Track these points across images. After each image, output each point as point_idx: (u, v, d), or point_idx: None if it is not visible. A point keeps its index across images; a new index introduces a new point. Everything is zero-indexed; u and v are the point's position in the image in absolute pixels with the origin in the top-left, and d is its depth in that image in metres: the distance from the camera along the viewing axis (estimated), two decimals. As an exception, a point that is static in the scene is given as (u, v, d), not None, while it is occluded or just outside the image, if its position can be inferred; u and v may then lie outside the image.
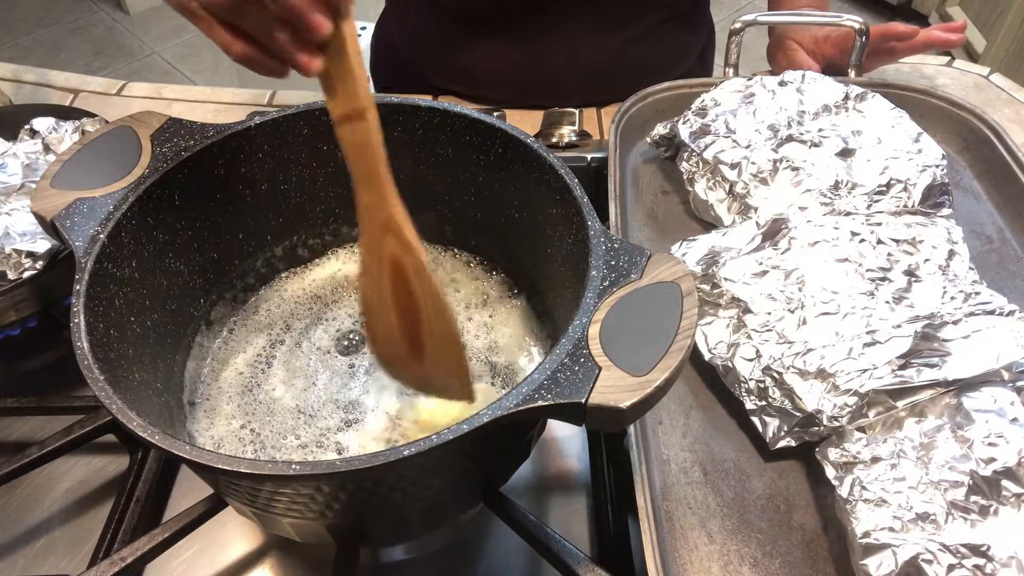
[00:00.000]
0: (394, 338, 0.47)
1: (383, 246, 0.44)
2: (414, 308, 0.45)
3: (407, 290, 0.45)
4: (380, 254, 0.44)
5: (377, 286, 0.45)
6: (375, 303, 0.46)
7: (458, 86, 0.91)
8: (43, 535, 0.54)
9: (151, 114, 0.52)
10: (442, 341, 0.46)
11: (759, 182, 0.64)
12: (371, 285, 0.46)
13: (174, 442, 0.36)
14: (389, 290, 0.45)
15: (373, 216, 0.44)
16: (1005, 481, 0.44)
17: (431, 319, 0.45)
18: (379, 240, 0.44)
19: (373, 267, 0.45)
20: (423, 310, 0.45)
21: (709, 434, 0.53)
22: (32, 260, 0.59)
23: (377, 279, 0.45)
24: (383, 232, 0.44)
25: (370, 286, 0.46)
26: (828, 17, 0.77)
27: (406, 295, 0.45)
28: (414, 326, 0.46)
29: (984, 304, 0.52)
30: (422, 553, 0.53)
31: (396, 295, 0.45)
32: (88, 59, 2.67)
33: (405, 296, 0.45)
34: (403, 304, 0.45)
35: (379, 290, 0.45)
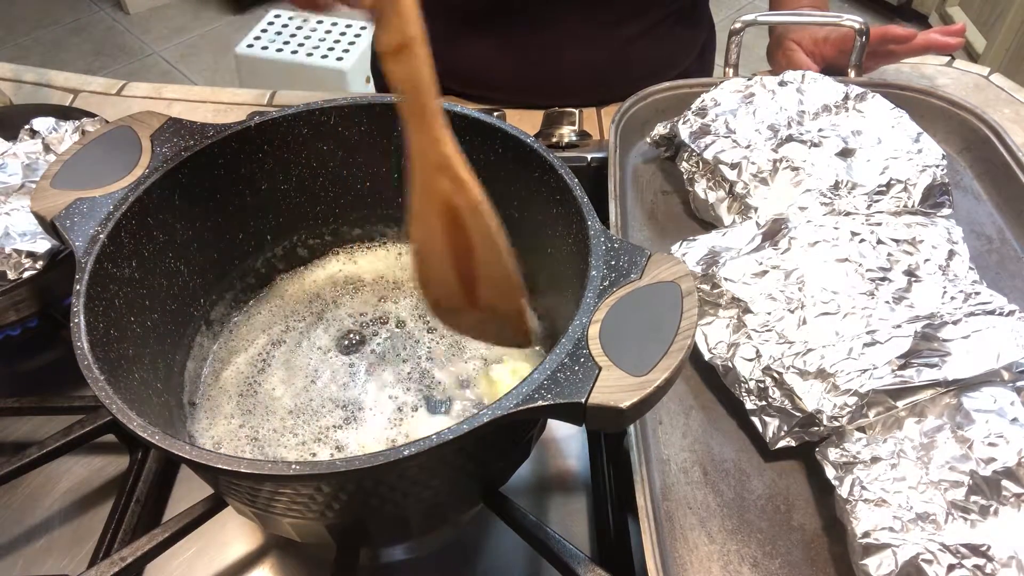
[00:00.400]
0: (448, 282, 0.45)
1: (436, 187, 0.42)
2: (469, 250, 0.43)
3: (463, 232, 0.43)
4: (433, 196, 0.43)
5: (430, 230, 0.44)
6: (430, 249, 0.45)
7: (458, 85, 0.91)
8: (43, 535, 0.54)
9: (151, 114, 0.52)
10: (499, 282, 0.44)
11: (759, 182, 0.64)
12: (423, 230, 0.44)
13: (174, 442, 0.36)
14: (443, 233, 0.43)
15: (425, 157, 0.42)
16: (1005, 481, 0.44)
17: (488, 260, 0.43)
18: (432, 182, 0.42)
19: (426, 210, 0.43)
20: (479, 251, 0.43)
21: (709, 434, 0.53)
22: (32, 260, 0.59)
23: (431, 223, 0.43)
24: (436, 173, 0.42)
25: (423, 231, 0.44)
26: (828, 17, 0.77)
27: (461, 237, 0.43)
28: (469, 269, 0.44)
29: (984, 304, 0.52)
30: (422, 553, 0.53)
31: (451, 238, 0.43)
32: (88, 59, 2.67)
33: (460, 238, 0.43)
34: (458, 247, 0.44)
35: (432, 234, 0.44)
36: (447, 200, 0.42)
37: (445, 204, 0.43)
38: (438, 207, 0.43)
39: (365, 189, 0.58)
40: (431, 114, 0.41)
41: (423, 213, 0.44)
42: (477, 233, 0.43)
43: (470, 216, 0.43)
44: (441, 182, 0.42)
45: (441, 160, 0.42)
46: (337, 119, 0.54)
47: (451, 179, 0.42)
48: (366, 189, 0.58)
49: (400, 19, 0.39)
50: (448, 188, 0.42)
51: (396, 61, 0.40)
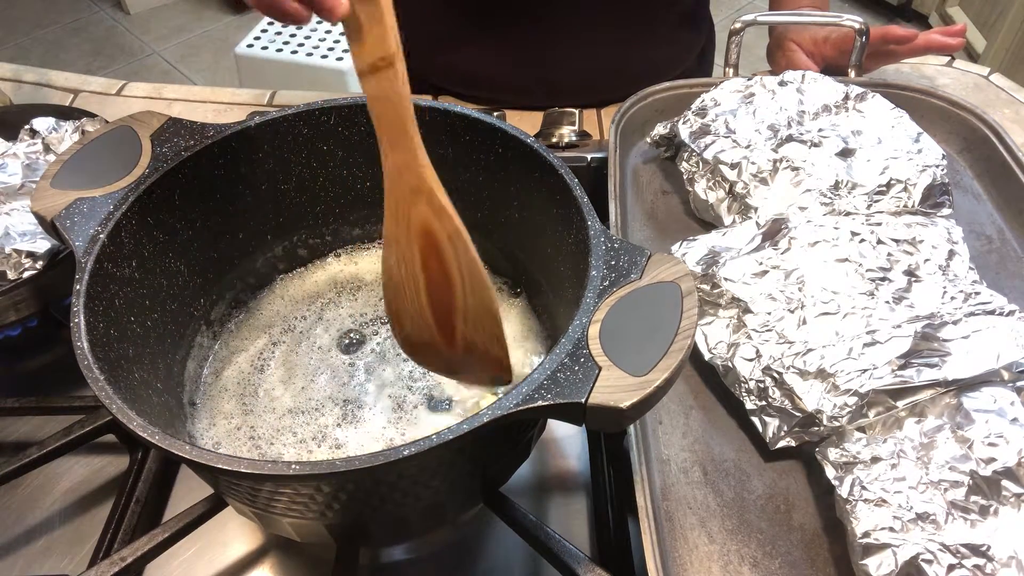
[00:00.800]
0: (423, 317, 0.43)
1: (412, 212, 0.40)
2: (447, 281, 0.41)
3: (440, 261, 0.41)
4: (409, 221, 0.40)
5: (405, 258, 0.41)
6: (401, 279, 0.42)
7: (458, 86, 0.91)
8: (43, 535, 0.54)
9: (151, 114, 0.52)
10: (478, 317, 0.42)
11: (759, 182, 0.64)
12: (398, 258, 0.42)
13: (174, 442, 0.36)
14: (419, 262, 0.41)
15: (401, 178, 0.40)
16: (1005, 481, 0.44)
17: (466, 292, 0.41)
18: (408, 206, 0.40)
19: (401, 237, 0.41)
20: (457, 283, 0.41)
21: (709, 434, 0.53)
22: (32, 260, 0.59)
23: (405, 250, 0.41)
24: (413, 196, 0.40)
25: (396, 259, 0.42)
26: (828, 17, 0.77)
27: (438, 267, 0.41)
28: (446, 302, 0.42)
29: (984, 304, 0.52)
30: (422, 553, 0.53)
31: (427, 267, 0.41)
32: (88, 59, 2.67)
33: (437, 268, 0.41)
34: (434, 277, 0.41)
35: (407, 263, 0.42)
36: (424, 226, 0.40)
37: (422, 230, 0.41)
38: (414, 233, 0.41)
39: (365, 189, 0.58)
40: (408, 136, 0.39)
41: (397, 239, 0.42)
42: (456, 262, 0.41)
43: (449, 244, 0.41)
44: (418, 206, 0.40)
45: (419, 183, 0.40)
46: (337, 119, 0.54)
47: (429, 203, 0.40)
48: (366, 189, 0.58)
49: (379, 35, 0.37)
50: (426, 213, 0.40)
51: (374, 78, 0.38)
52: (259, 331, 0.57)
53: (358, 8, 0.37)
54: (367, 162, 0.56)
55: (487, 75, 0.88)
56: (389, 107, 0.39)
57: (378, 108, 0.39)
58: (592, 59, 0.87)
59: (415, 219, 0.40)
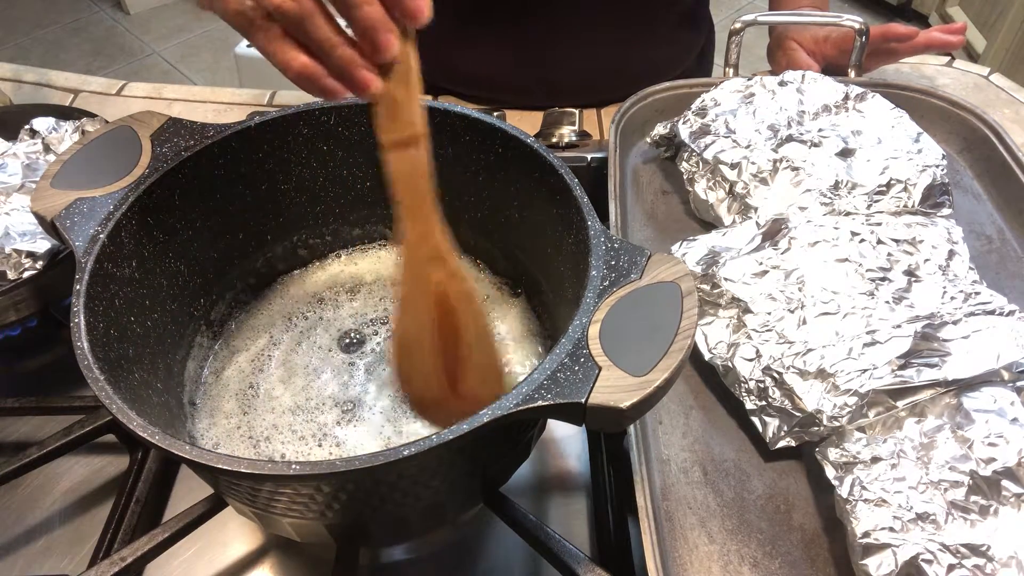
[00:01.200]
0: (434, 375, 0.44)
1: (428, 278, 0.42)
2: (458, 341, 0.43)
3: (453, 322, 0.43)
4: (425, 286, 0.43)
5: (421, 322, 0.43)
6: (416, 341, 0.44)
7: (458, 86, 0.91)
8: (43, 535, 0.54)
9: (151, 114, 0.52)
10: (486, 370, 0.44)
11: (759, 182, 0.64)
12: (413, 321, 0.44)
13: (174, 442, 0.36)
14: (434, 323, 0.43)
15: (419, 248, 0.42)
16: (1005, 481, 0.44)
17: (476, 347, 0.44)
18: (424, 272, 0.42)
19: (419, 301, 0.43)
20: (467, 339, 0.43)
21: (709, 434, 0.53)
22: (32, 260, 0.59)
23: (423, 314, 0.43)
24: (429, 263, 0.42)
25: (412, 322, 0.44)
26: (828, 17, 0.77)
27: (451, 328, 0.43)
28: (455, 358, 0.44)
29: (984, 304, 0.52)
30: (422, 553, 0.53)
31: (441, 328, 0.43)
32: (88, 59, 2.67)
33: (449, 327, 0.43)
34: (446, 336, 0.43)
35: (422, 325, 0.43)
36: (439, 290, 0.43)
37: (436, 294, 0.43)
38: (429, 297, 0.43)
39: (365, 189, 0.58)
40: (429, 209, 0.41)
41: (413, 303, 0.43)
42: (466, 320, 0.43)
43: (461, 303, 0.43)
44: (434, 272, 0.42)
45: (436, 252, 0.42)
46: (337, 119, 0.54)
47: (444, 269, 0.42)
48: (366, 189, 0.58)
49: (408, 116, 0.39)
50: (440, 278, 0.42)
51: (399, 154, 0.40)
52: (259, 331, 0.57)
53: (392, 88, 0.39)
54: (367, 162, 0.56)
55: (487, 75, 0.88)
56: (411, 182, 0.41)
57: (401, 182, 0.41)
58: (592, 59, 0.87)
59: (431, 284, 0.43)
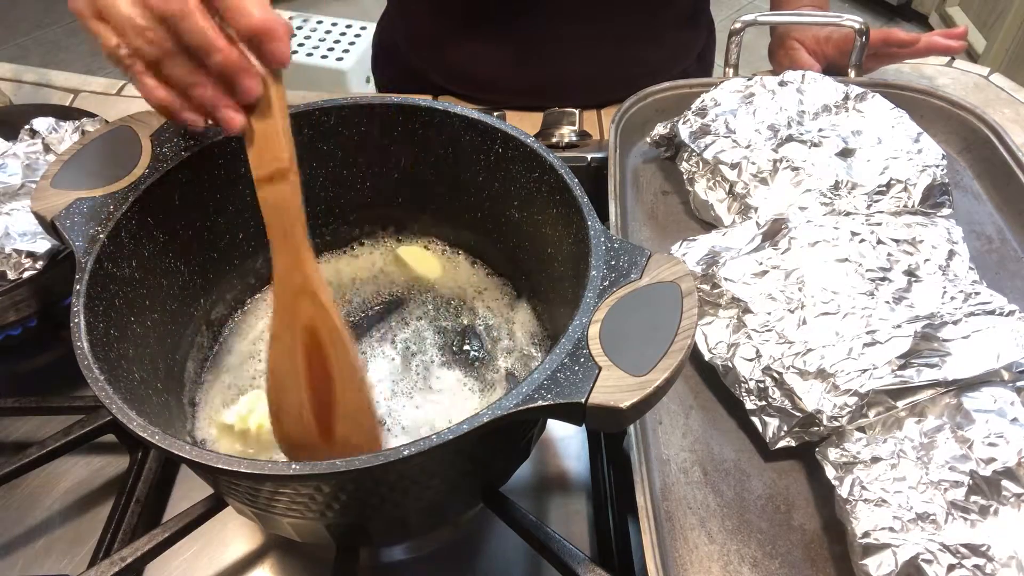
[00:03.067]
0: (303, 414, 0.44)
1: (297, 311, 0.43)
2: (327, 378, 0.43)
3: (321, 358, 0.43)
4: (293, 319, 0.43)
5: (289, 354, 0.43)
6: (285, 374, 0.44)
7: (458, 87, 0.91)
8: (43, 535, 0.54)
9: (151, 114, 0.52)
10: (356, 415, 0.44)
11: (759, 182, 0.64)
12: (282, 353, 0.44)
13: (174, 442, 0.36)
14: (302, 358, 0.43)
15: (289, 279, 0.43)
16: (1005, 481, 0.44)
17: (344, 390, 0.43)
18: (293, 304, 0.43)
19: (286, 334, 0.43)
20: (336, 380, 0.43)
21: (709, 434, 0.53)
22: (32, 260, 0.59)
23: (290, 346, 0.43)
24: (298, 296, 0.43)
25: (281, 354, 0.44)
26: (828, 17, 0.77)
27: (319, 363, 0.43)
28: (326, 400, 0.43)
29: (984, 304, 0.52)
30: (422, 553, 0.53)
31: (309, 364, 0.43)
32: (88, 59, 2.67)
33: (318, 365, 0.43)
34: (316, 374, 0.43)
35: (291, 358, 0.43)
36: (308, 324, 0.43)
37: (305, 327, 0.43)
38: (298, 330, 0.43)
39: (365, 189, 0.58)
40: (297, 240, 0.43)
41: (282, 335, 0.44)
42: (335, 360, 0.43)
43: (329, 342, 0.43)
44: (302, 305, 0.43)
45: (304, 284, 0.43)
46: (337, 119, 0.54)
47: (312, 303, 0.43)
48: (366, 189, 0.58)
49: (274, 151, 0.41)
50: (309, 311, 0.43)
51: (268, 187, 0.42)
52: (259, 331, 0.57)
53: (255, 123, 0.41)
54: (367, 162, 0.56)
55: (487, 75, 0.88)
56: (279, 214, 0.42)
57: (270, 214, 0.42)
58: (592, 60, 0.87)
59: (300, 317, 0.43)
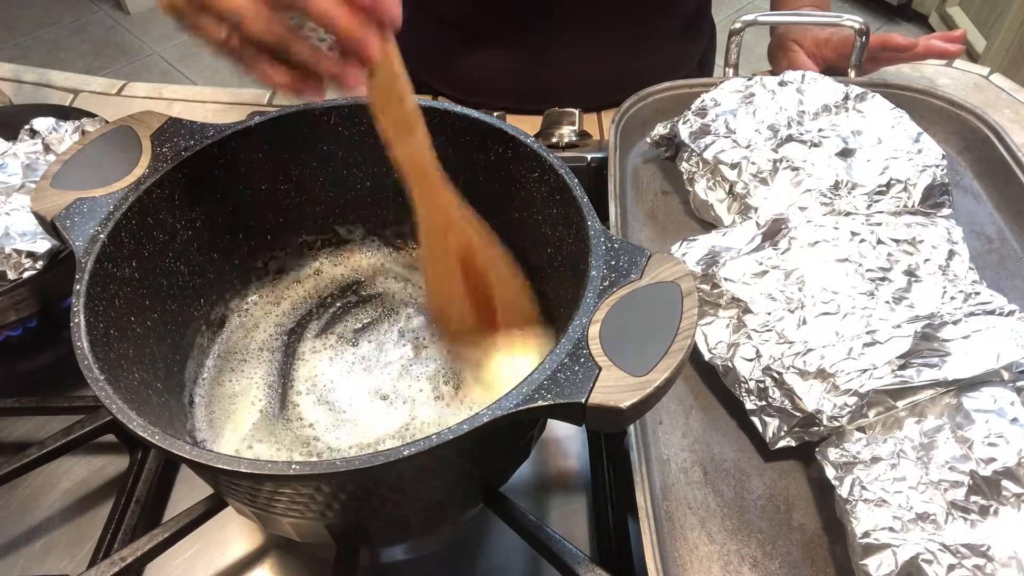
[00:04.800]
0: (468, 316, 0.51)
1: (448, 241, 0.48)
2: (484, 283, 0.50)
3: (475, 268, 0.49)
4: (445, 250, 0.49)
5: (447, 273, 0.50)
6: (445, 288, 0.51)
7: (457, 92, 0.91)
8: (43, 535, 0.54)
9: (151, 114, 0.52)
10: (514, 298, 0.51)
11: (759, 182, 0.64)
12: (441, 273, 0.50)
13: (174, 442, 0.36)
14: (459, 274, 0.49)
15: (433, 220, 0.48)
16: (1005, 481, 0.44)
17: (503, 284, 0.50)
18: (444, 237, 0.48)
19: (440, 258, 0.49)
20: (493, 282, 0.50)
21: (709, 434, 0.53)
22: (32, 260, 0.59)
23: (445, 268, 0.50)
24: (445, 232, 0.48)
25: (440, 275, 0.51)
26: (828, 17, 0.77)
27: (475, 273, 0.49)
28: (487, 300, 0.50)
29: (984, 304, 0.52)
30: (422, 553, 0.53)
31: (467, 276, 0.49)
32: (88, 59, 2.67)
33: (474, 274, 0.49)
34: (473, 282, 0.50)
35: (449, 277, 0.50)
36: (459, 248, 0.49)
37: (457, 251, 0.49)
38: (452, 255, 0.49)
39: (365, 189, 0.58)
40: (433, 183, 0.46)
41: (436, 259, 0.50)
42: (489, 267, 0.50)
43: (480, 254, 0.49)
44: (450, 238, 0.48)
45: (448, 220, 0.48)
46: (337, 119, 0.54)
47: (458, 233, 0.48)
48: (366, 189, 0.58)
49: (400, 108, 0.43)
50: (458, 241, 0.48)
51: (400, 142, 0.44)
52: (259, 330, 0.57)
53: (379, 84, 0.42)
54: (367, 162, 0.56)
55: (486, 83, 0.88)
56: (417, 165, 0.45)
57: (407, 168, 0.45)
58: (593, 66, 0.87)
59: (450, 248, 0.49)
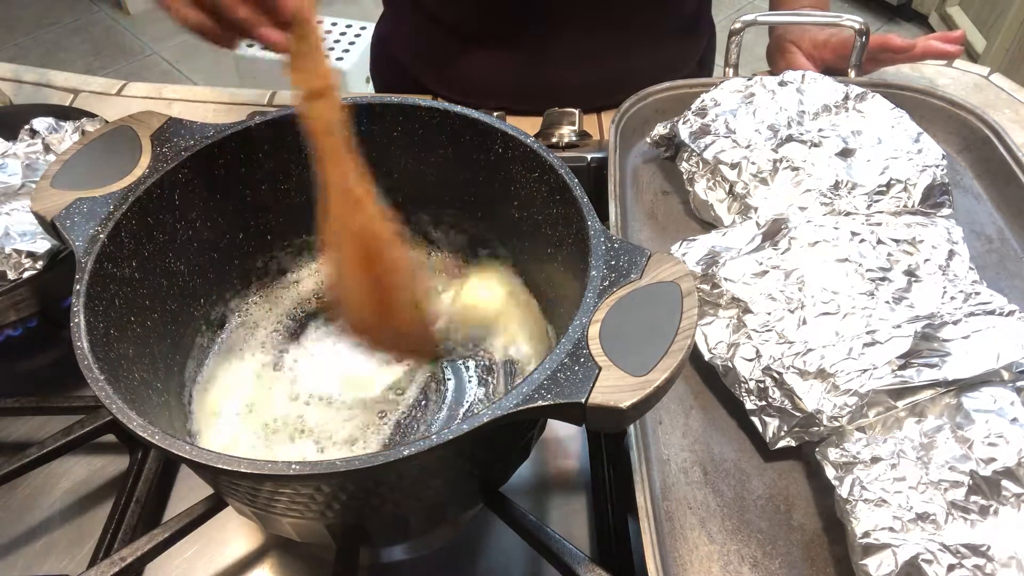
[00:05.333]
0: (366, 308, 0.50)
1: (352, 218, 0.47)
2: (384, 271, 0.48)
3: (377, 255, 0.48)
4: (349, 225, 0.47)
5: (348, 256, 0.48)
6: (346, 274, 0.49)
7: (456, 94, 0.91)
8: (43, 535, 0.54)
9: (151, 114, 0.52)
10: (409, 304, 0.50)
11: (759, 182, 0.64)
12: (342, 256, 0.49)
13: (174, 442, 0.36)
14: (359, 258, 0.48)
15: (339, 190, 0.46)
16: (1005, 481, 0.44)
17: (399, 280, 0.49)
18: (348, 212, 0.47)
19: (344, 238, 0.48)
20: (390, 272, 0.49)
21: (709, 434, 0.53)
22: (32, 260, 0.59)
23: (348, 249, 0.48)
24: (351, 204, 0.47)
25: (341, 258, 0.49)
26: (828, 17, 0.77)
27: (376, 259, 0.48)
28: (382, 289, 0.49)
29: (984, 304, 0.52)
30: (422, 553, 0.53)
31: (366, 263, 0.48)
32: (88, 59, 2.67)
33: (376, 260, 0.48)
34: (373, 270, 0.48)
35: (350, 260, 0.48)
36: (359, 228, 0.47)
37: (360, 231, 0.47)
38: (354, 234, 0.47)
39: (365, 189, 0.58)
40: (341, 150, 0.45)
41: (340, 240, 0.48)
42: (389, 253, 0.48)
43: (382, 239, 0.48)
44: (357, 214, 0.47)
45: (351, 190, 0.46)
46: (337, 119, 0.54)
47: (364, 209, 0.47)
48: (366, 189, 0.58)
49: (316, 67, 0.44)
50: (360, 217, 0.47)
51: (312, 104, 0.44)
52: (259, 330, 0.57)
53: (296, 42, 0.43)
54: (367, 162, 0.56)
55: (486, 85, 0.88)
56: (325, 127, 0.45)
57: (318, 129, 0.45)
58: (593, 68, 0.86)
59: (352, 222, 0.47)
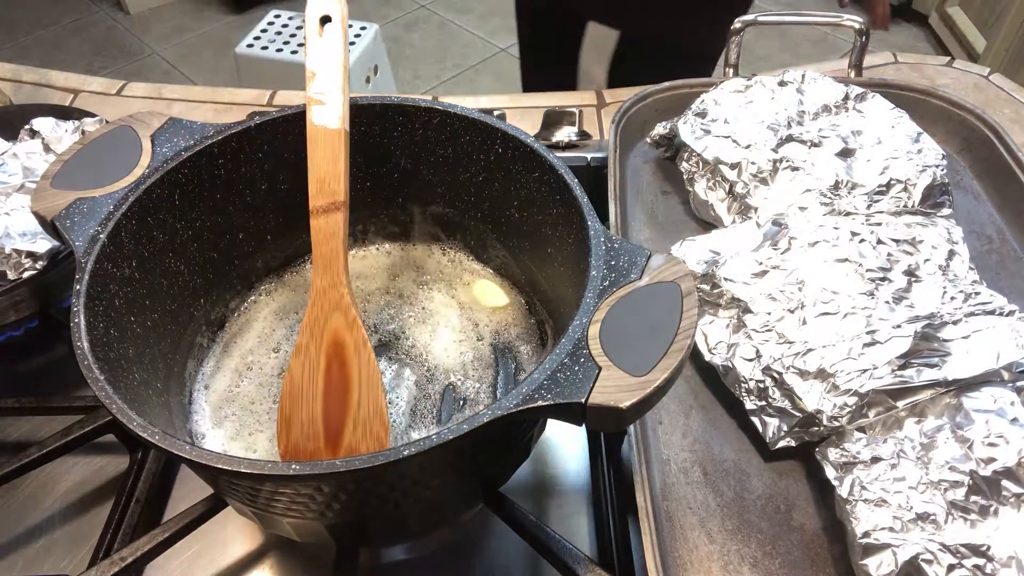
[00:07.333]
0: (314, 424, 0.46)
1: (328, 324, 0.47)
2: (346, 388, 0.46)
3: (343, 368, 0.46)
4: (323, 332, 0.47)
5: (311, 366, 0.47)
6: (302, 387, 0.47)
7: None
8: (43, 535, 0.54)
9: (151, 114, 0.52)
10: (369, 421, 0.46)
11: (759, 182, 0.64)
12: (304, 366, 0.47)
13: (174, 442, 0.36)
14: (323, 369, 0.46)
15: (326, 295, 0.47)
16: (1005, 481, 0.44)
17: (361, 398, 0.46)
18: (326, 318, 0.47)
19: (312, 347, 0.47)
20: (354, 389, 0.46)
21: (709, 434, 0.53)
22: (32, 260, 0.59)
23: (313, 359, 0.47)
24: (332, 310, 0.47)
25: (302, 367, 0.47)
26: (828, 17, 0.77)
27: (340, 374, 0.46)
28: (340, 410, 0.46)
29: (984, 304, 0.52)
30: (422, 553, 0.53)
31: (328, 374, 0.46)
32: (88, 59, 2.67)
33: (338, 375, 0.46)
34: (334, 384, 0.46)
35: (311, 370, 0.47)
36: (336, 336, 0.47)
37: (333, 340, 0.47)
38: (325, 343, 0.47)
39: (365, 189, 0.58)
40: (340, 263, 0.47)
41: (308, 349, 0.47)
42: (358, 369, 0.46)
43: (355, 352, 0.47)
44: (334, 319, 0.47)
45: (340, 301, 0.47)
46: (337, 119, 0.54)
47: (345, 317, 0.47)
48: (366, 189, 0.58)
49: (334, 186, 0.47)
50: (340, 324, 0.47)
51: (322, 218, 0.47)
52: (259, 330, 0.57)
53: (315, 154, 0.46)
54: (367, 162, 0.56)
55: None
56: (329, 240, 0.47)
57: (321, 239, 0.47)
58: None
59: (329, 330, 0.47)
